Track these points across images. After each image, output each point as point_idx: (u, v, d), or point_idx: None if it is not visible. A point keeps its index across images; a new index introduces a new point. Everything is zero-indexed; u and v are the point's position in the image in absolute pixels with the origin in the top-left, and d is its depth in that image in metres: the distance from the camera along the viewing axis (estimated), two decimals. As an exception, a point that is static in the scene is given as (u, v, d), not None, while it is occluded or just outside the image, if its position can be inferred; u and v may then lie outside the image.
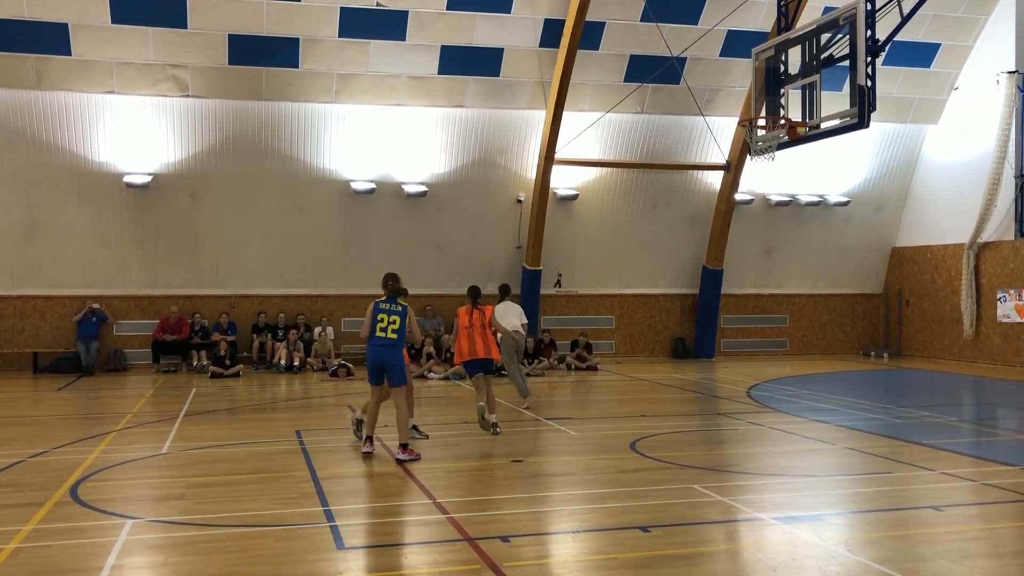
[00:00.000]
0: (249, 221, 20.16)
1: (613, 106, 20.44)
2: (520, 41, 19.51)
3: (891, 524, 7.27)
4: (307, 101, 19.53)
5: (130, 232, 19.68)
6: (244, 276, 20.52)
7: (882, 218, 23.85)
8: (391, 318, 9.89)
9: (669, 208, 22.35)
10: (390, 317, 9.90)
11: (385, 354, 9.84)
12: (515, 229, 21.54)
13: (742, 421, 12.63)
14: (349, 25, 18.54)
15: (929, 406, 14.14)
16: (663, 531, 6.97)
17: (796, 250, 23.65)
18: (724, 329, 23.38)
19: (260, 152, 19.76)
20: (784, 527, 7.09)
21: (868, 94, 12.84)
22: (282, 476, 9.04)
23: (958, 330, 21.86)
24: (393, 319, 9.89)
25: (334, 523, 7.20)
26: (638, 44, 20.03)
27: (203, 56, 18.45)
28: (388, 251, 20.92)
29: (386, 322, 9.88)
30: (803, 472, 9.27)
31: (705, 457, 10.26)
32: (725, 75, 20.95)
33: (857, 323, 24.40)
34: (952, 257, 22.10)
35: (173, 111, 19.08)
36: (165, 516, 7.50)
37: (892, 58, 20.85)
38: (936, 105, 22.58)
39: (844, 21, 13.18)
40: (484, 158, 20.91)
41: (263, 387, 17.23)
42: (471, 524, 7.13)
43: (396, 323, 9.88)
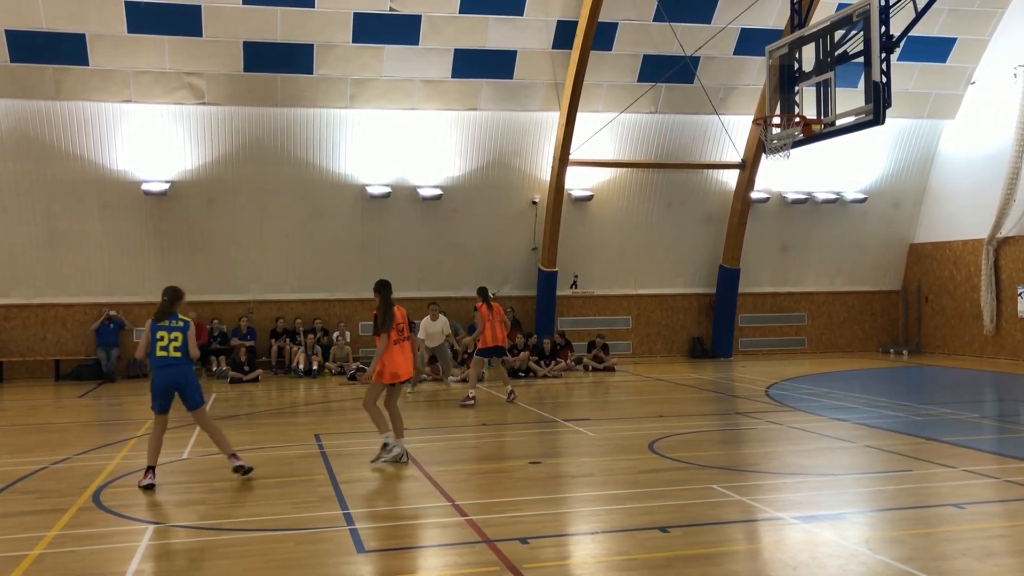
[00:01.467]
0: (266, 227, 20.28)
1: (627, 106, 20.42)
2: (533, 43, 19.53)
3: (913, 522, 7.23)
4: (322, 107, 19.64)
5: (149, 239, 19.85)
6: (262, 281, 20.64)
7: (900, 214, 23.70)
8: (172, 335, 8.91)
9: (685, 207, 22.30)
10: (171, 334, 8.91)
11: (174, 375, 8.90)
12: (530, 231, 21.55)
13: (761, 420, 12.59)
14: (363, 30, 18.62)
15: (950, 403, 14.04)
16: (683, 531, 6.95)
17: (813, 248, 23.54)
18: (742, 328, 23.30)
19: (276, 158, 19.88)
20: (804, 526, 7.06)
21: (883, 90, 12.78)
22: (302, 480, 9.09)
23: (978, 326, 21.70)
24: (175, 336, 8.92)
25: (354, 526, 7.23)
26: (651, 44, 20.00)
27: (218, 64, 18.58)
28: (404, 255, 21.00)
29: (167, 340, 8.90)
30: (823, 471, 9.23)
31: (724, 457, 10.23)
32: (739, 73, 20.89)
33: (876, 320, 24.26)
34: (971, 253, 21.93)
35: (190, 119, 19.23)
36: (186, 521, 7.56)
37: (907, 53, 20.72)
38: (953, 100, 22.42)
39: (858, 17, 13.12)
40: (498, 160, 20.94)
41: (282, 392, 17.33)
42: (490, 526, 7.15)
43: (178, 340, 8.92)
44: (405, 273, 21.22)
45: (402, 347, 9.92)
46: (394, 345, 9.83)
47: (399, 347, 9.89)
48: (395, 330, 9.89)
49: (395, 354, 9.81)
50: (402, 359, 9.85)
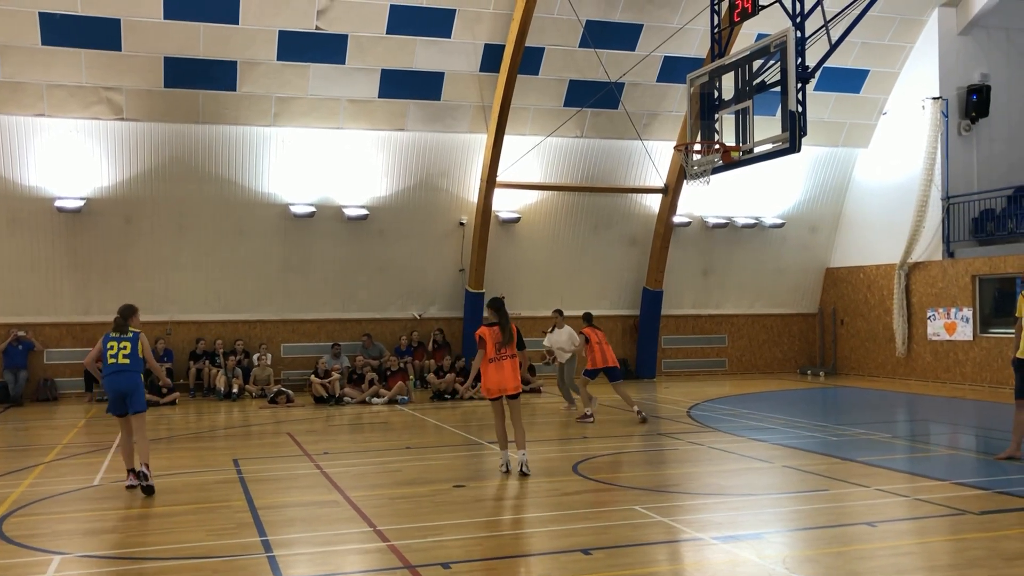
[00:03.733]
0: (186, 246, 19.82)
1: (553, 130, 20.63)
2: (461, 65, 19.61)
3: (828, 541, 7.39)
4: (245, 124, 19.34)
5: (62, 257, 19.19)
6: (181, 302, 20.14)
7: (816, 239, 24.40)
8: (121, 344, 9.70)
9: (610, 230, 22.59)
10: (120, 344, 9.70)
11: (122, 381, 9.63)
12: (458, 252, 21.54)
13: (682, 441, 12.75)
14: (288, 48, 18.43)
15: (864, 423, 14.44)
16: (605, 553, 6.98)
17: (734, 271, 24.05)
18: (665, 349, 23.63)
19: (197, 176, 19.48)
20: (724, 546, 7.15)
21: (799, 119, 13.14)
22: (219, 506, 8.84)
23: (891, 348, 22.42)
24: (124, 345, 9.69)
25: (272, 553, 7.06)
26: (577, 69, 20.28)
27: (138, 79, 18.15)
28: (328, 275, 20.76)
29: (116, 349, 9.67)
30: (742, 491, 9.38)
31: (646, 478, 10.32)
32: (662, 100, 21.31)
33: (794, 342, 24.88)
34: (884, 277, 22.69)
35: (107, 134, 18.72)
36: (96, 551, 7.28)
37: (823, 84, 21.45)
38: (866, 129, 23.25)
39: (775, 48, 13.50)
40: (426, 181, 20.90)
41: (200, 415, 16.88)
42: (412, 551, 7.06)
43: (127, 348, 9.68)
44: (330, 294, 20.99)
45: (494, 365, 10.22)
46: (489, 363, 10.21)
47: (493, 365, 10.22)
48: (491, 348, 10.21)
49: (488, 371, 10.22)
50: (492, 376, 10.21)
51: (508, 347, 10.25)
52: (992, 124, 21.25)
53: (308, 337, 20.90)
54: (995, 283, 20.19)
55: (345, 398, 18.46)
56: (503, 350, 10.22)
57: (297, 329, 20.89)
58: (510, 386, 10.24)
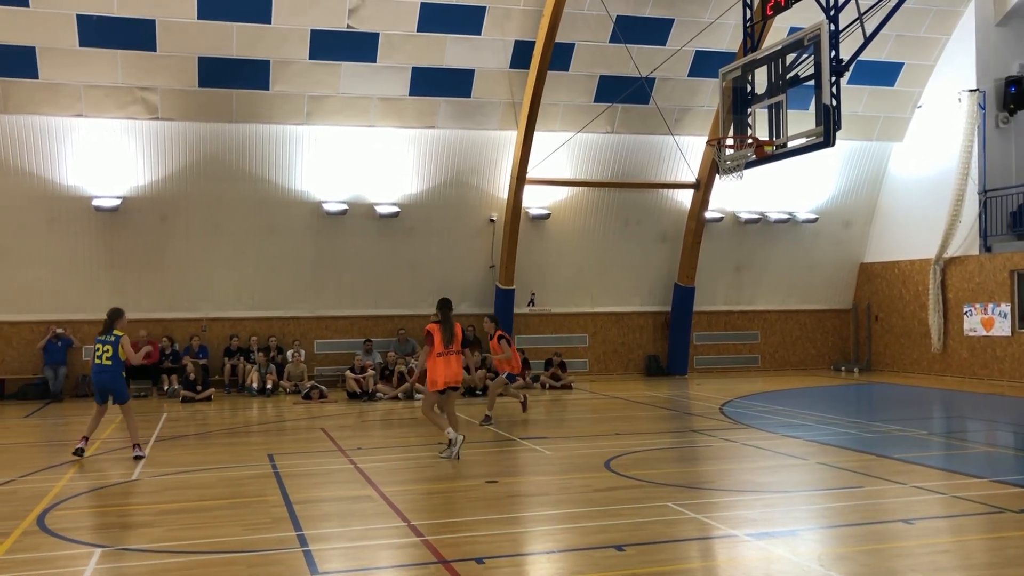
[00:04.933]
0: (220, 243, 20.04)
1: (584, 126, 20.59)
2: (491, 62, 19.63)
3: (863, 538, 7.33)
4: (278, 123, 19.51)
5: (99, 256, 19.49)
6: (215, 299, 20.37)
7: (850, 234, 24.15)
8: (104, 348, 11.22)
9: (640, 226, 22.51)
10: (103, 347, 11.22)
11: (104, 379, 11.28)
12: (488, 249, 21.58)
13: (715, 438, 12.69)
14: (320, 47, 18.56)
15: (899, 420, 14.29)
16: (638, 550, 6.97)
17: (766, 267, 23.88)
18: (696, 346, 23.52)
19: (231, 174, 19.68)
20: (758, 543, 7.12)
21: (833, 113, 13.04)
22: (254, 501, 8.95)
23: (926, 344, 22.14)
24: (106, 348, 11.22)
25: (307, 548, 7.14)
26: (607, 65, 20.22)
27: (173, 79, 18.38)
28: (360, 272, 20.89)
29: (100, 351, 11.24)
30: (776, 488, 9.32)
31: (679, 474, 10.29)
32: (694, 95, 21.19)
33: (827, 338, 24.64)
34: (919, 272, 22.41)
35: (143, 134, 18.97)
36: (134, 544, 7.40)
37: (857, 77, 21.19)
38: (901, 123, 22.96)
39: (809, 42, 13.39)
40: (456, 178, 20.96)
41: (235, 411, 17.07)
42: (445, 546, 7.10)
43: (109, 351, 11.21)
44: (362, 291, 21.13)
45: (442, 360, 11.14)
46: (438, 357, 11.12)
47: (443, 359, 11.13)
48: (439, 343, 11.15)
49: (437, 365, 11.13)
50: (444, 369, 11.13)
51: (454, 343, 11.23)
52: (1031, 116, 20.91)
53: (341, 333, 21.05)
54: (1034, 278, 19.87)
55: (378, 394, 18.58)
56: (450, 346, 11.18)
57: (330, 326, 21.05)
58: (455, 380, 11.22)
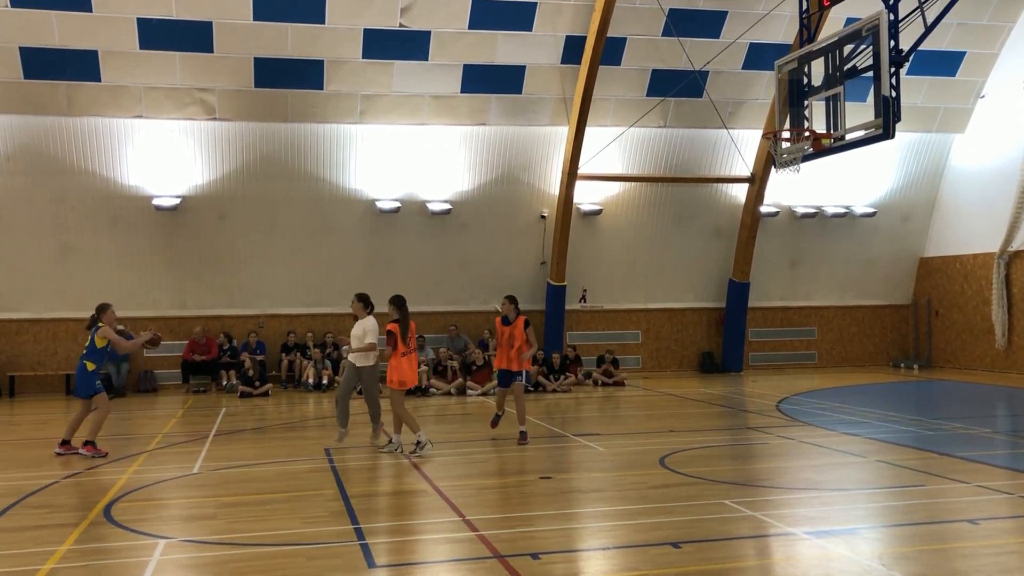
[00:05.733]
0: (276, 241, 20.36)
1: (636, 121, 20.46)
2: (542, 58, 19.60)
3: (926, 538, 7.18)
4: (332, 122, 19.73)
5: (159, 254, 19.93)
6: (272, 296, 20.70)
7: (909, 228, 23.64)
8: (86, 340, 11.70)
9: (694, 222, 22.30)
10: (87, 340, 11.68)
11: (77, 371, 11.71)
12: (539, 245, 21.57)
13: (772, 435, 12.54)
14: (372, 46, 18.73)
15: (962, 418, 13.96)
16: (694, 547, 6.92)
17: (823, 262, 23.49)
18: (752, 342, 23.24)
19: (286, 173, 19.97)
20: (817, 541, 7.02)
21: (892, 104, 12.75)
22: (312, 495, 9.08)
23: (990, 340, 21.58)
24: (86, 339, 11.70)
25: (364, 541, 7.22)
26: (660, 59, 20.06)
27: (229, 80, 18.70)
28: (413, 269, 21.03)
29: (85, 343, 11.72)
30: (835, 486, 9.18)
31: (735, 472, 10.19)
32: (748, 88, 20.92)
33: (886, 334, 24.16)
34: (982, 266, 21.85)
35: (201, 134, 19.35)
36: (197, 536, 7.56)
37: (916, 68, 20.73)
38: (962, 114, 22.40)
39: (867, 32, 13.12)
40: (507, 175, 20.99)
41: (292, 406, 17.34)
42: (501, 541, 7.12)
43: (87, 341, 11.63)
44: (414, 287, 21.15)
45: (410, 358, 11.23)
46: (403, 356, 11.11)
47: (407, 358, 11.17)
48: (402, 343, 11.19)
49: (403, 364, 11.10)
50: (409, 369, 11.19)
51: (411, 341, 11.28)
52: (1100, 105, 20.25)
53: (394, 330, 21.19)
54: (1104, 272, 19.26)
55: (431, 389, 18.71)
56: (410, 343, 11.22)
57: (383, 322, 21.11)
58: (414, 379, 11.41)
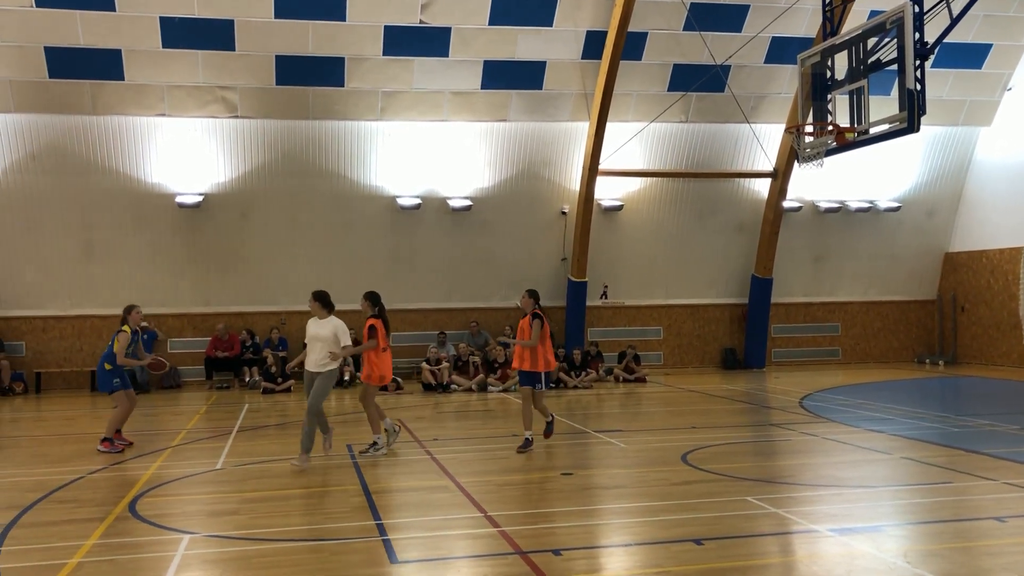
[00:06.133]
0: (298, 238, 20.45)
1: (657, 116, 20.37)
2: (562, 54, 19.56)
3: (952, 536, 7.11)
4: (353, 119, 19.79)
5: (182, 251, 20.08)
6: (294, 293, 20.74)
7: (934, 223, 23.40)
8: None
9: (716, 217, 22.18)
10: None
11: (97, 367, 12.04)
12: (560, 241, 21.54)
13: (795, 432, 12.45)
14: (393, 43, 18.76)
15: (989, 414, 13.80)
16: (717, 544, 6.89)
17: (847, 257, 23.29)
18: (775, 339, 23.09)
19: (308, 170, 20.05)
20: (840, 539, 6.96)
21: (917, 98, 12.63)
22: (334, 490, 9.12)
23: (1017, 336, 21.33)
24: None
25: (387, 537, 7.24)
26: (681, 53, 19.96)
27: (251, 77, 18.80)
28: (434, 265, 21.07)
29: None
30: (859, 483, 9.10)
31: (758, 469, 10.13)
32: (770, 82, 20.77)
33: (911, 330, 23.94)
34: (1009, 261, 21.59)
35: (223, 132, 19.46)
36: (221, 531, 7.61)
37: (941, 60, 20.50)
38: (989, 107, 22.12)
39: (891, 24, 12.99)
40: (528, 171, 20.97)
41: (314, 402, 17.37)
42: (522, 537, 7.12)
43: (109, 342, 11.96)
44: (435, 284, 21.32)
45: (388, 354, 11.39)
46: (383, 352, 11.23)
47: (387, 354, 11.35)
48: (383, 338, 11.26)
49: (384, 359, 11.24)
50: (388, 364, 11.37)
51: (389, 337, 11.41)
52: None
53: (415, 326, 21.27)
54: None
55: (452, 386, 18.74)
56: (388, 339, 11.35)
57: (405, 319, 21.27)
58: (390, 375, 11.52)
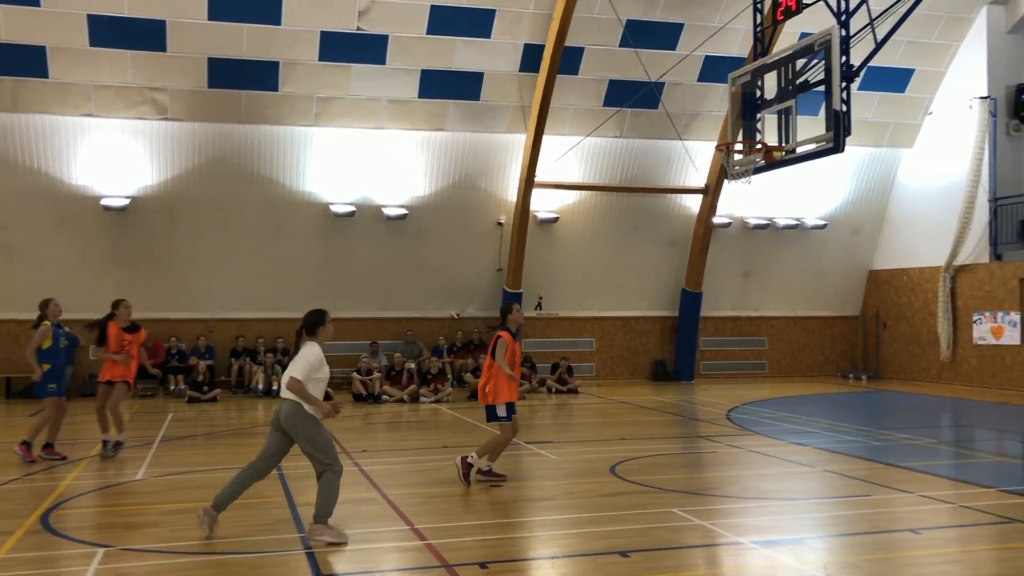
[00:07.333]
0: (228, 244, 20.06)
1: (592, 130, 20.55)
2: (500, 66, 19.61)
3: (870, 547, 7.27)
4: (287, 124, 19.52)
5: (107, 255, 19.52)
6: (222, 299, 20.38)
7: (859, 241, 24.05)
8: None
9: (649, 231, 22.45)
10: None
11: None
12: (496, 252, 21.55)
13: (722, 444, 12.63)
14: (329, 49, 18.57)
15: (908, 428, 14.20)
16: (643, 556, 6.92)
17: (774, 273, 23.79)
18: (703, 351, 23.44)
19: (239, 175, 19.70)
20: (764, 551, 7.06)
21: (843, 119, 12.97)
22: (257, 502, 8.92)
23: (935, 352, 22.02)
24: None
25: (310, 550, 7.11)
26: (616, 69, 20.18)
27: (182, 79, 18.41)
28: (368, 274, 20.89)
29: None
30: (783, 495, 9.25)
31: (685, 480, 10.23)
32: (703, 100, 21.13)
33: (835, 345, 24.54)
34: (928, 280, 22.29)
35: (152, 134, 19.01)
36: (138, 544, 7.38)
37: (867, 83, 21.12)
38: (911, 129, 22.86)
39: (819, 47, 13.33)
40: (465, 181, 20.94)
41: (241, 412, 17.07)
42: (449, 550, 7.06)
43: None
44: (369, 293, 21.12)
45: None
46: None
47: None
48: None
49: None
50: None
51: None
52: (1042, 124, 20.80)
53: (348, 335, 21.00)
54: (1044, 287, 19.76)
55: (384, 396, 18.56)
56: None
57: (338, 328, 20.63)
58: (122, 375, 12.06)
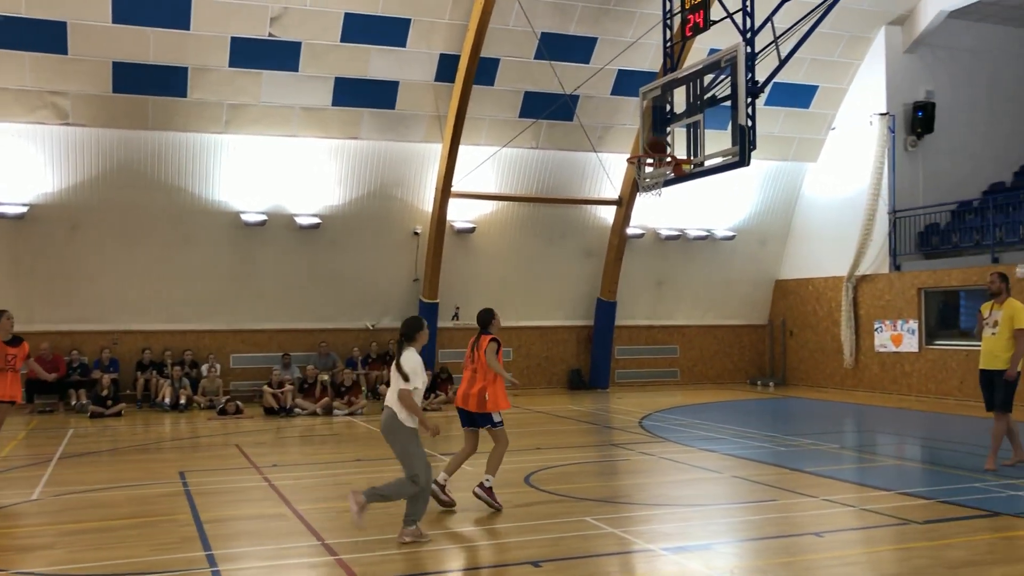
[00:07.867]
0: (133, 254, 19.45)
1: (508, 141, 20.65)
2: (416, 75, 19.55)
3: (776, 551, 7.45)
4: (196, 131, 19.06)
5: (3, 265, 18.71)
6: (128, 311, 19.73)
7: (766, 252, 24.73)
8: None
9: (565, 241, 22.66)
10: None
11: None
12: (412, 262, 21.43)
13: (634, 451, 12.80)
14: (240, 55, 18.23)
15: (812, 434, 14.63)
16: (555, 565, 6.95)
17: (686, 282, 24.27)
18: (618, 360, 23.74)
19: (146, 183, 19.13)
20: (674, 557, 7.17)
21: (748, 133, 13.31)
22: (163, 520, 8.65)
23: (839, 360, 22.76)
24: None
25: (216, 568, 6.92)
26: (532, 81, 20.34)
27: (85, 83, 17.81)
28: (280, 284, 20.52)
29: None
30: (692, 501, 9.42)
31: (598, 489, 10.33)
32: (616, 113, 21.46)
33: (744, 353, 25.15)
34: (832, 289, 23.06)
35: (52, 139, 18.31)
36: (32, 567, 7.06)
37: (773, 99, 21.77)
38: (815, 144, 23.64)
39: (726, 63, 13.66)
40: (380, 190, 20.78)
41: (147, 427, 16.54)
42: (361, 565, 6.96)
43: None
44: (281, 304, 20.74)
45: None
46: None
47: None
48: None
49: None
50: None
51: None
52: (937, 140, 21.77)
53: (258, 347, 20.61)
54: (940, 296, 20.63)
55: (296, 409, 18.23)
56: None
57: (247, 339, 20.59)
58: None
